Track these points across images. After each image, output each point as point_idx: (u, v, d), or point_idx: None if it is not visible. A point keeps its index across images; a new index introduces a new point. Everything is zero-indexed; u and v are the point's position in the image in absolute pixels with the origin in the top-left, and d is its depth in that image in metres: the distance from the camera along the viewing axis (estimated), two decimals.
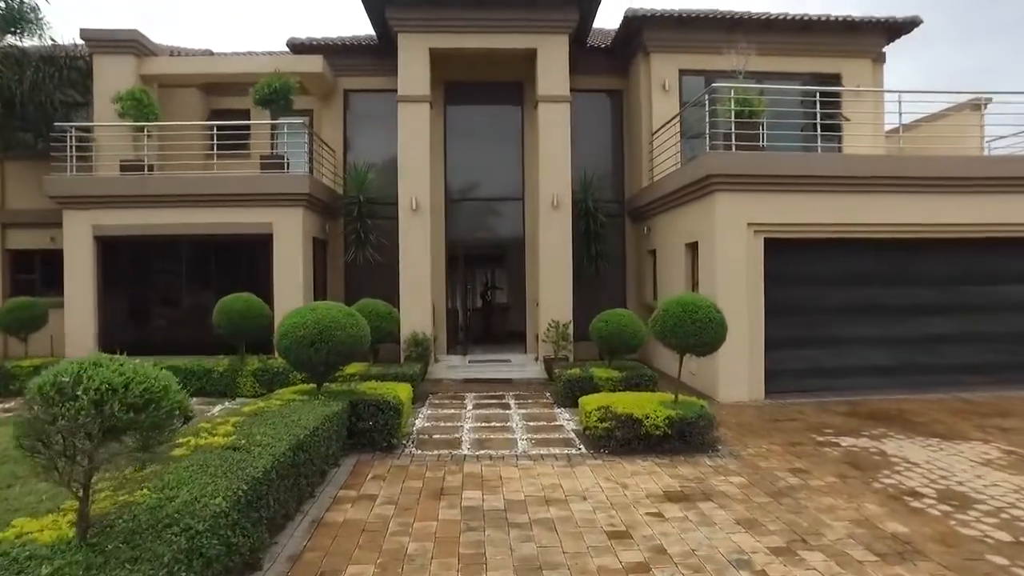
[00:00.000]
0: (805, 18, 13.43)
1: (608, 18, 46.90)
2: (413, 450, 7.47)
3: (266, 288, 12.17)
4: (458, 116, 14.64)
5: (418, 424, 8.73)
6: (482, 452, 7.34)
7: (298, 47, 14.62)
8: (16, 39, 13.53)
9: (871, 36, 13.99)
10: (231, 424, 5.76)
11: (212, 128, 13.60)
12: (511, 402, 10.26)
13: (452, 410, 9.67)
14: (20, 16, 13.20)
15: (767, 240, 10.45)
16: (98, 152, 13.28)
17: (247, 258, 13.26)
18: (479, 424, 8.73)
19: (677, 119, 12.56)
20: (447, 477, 6.44)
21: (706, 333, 7.34)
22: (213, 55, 15.52)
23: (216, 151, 13.27)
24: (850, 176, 10.52)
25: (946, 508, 5.51)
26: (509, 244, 15.54)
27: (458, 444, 7.72)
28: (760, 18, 13.32)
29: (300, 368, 7.78)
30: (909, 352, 10.97)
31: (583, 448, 7.49)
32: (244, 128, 14.06)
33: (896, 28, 13.88)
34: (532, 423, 8.78)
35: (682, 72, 13.76)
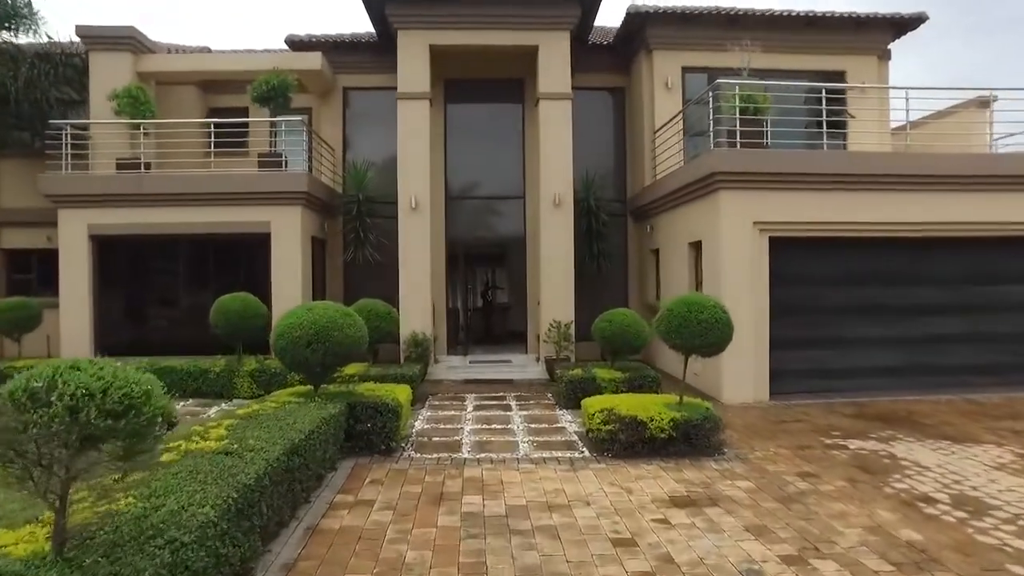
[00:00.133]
0: (809, 14, 13.26)
1: (610, 15, 46.63)
2: (412, 453, 7.32)
3: (264, 288, 12.00)
4: (458, 114, 14.47)
5: (417, 426, 8.57)
6: (483, 455, 7.18)
7: (297, 44, 14.46)
8: (11, 35, 13.35)
9: (876, 32, 13.82)
10: (224, 427, 5.60)
11: (210, 126, 13.42)
12: (512, 403, 10.10)
13: (452, 412, 9.52)
14: (15, 12, 13.03)
15: (771, 239, 10.30)
16: (94, 150, 13.09)
17: (245, 257, 13.15)
18: (480, 426, 8.57)
19: (680, 117, 12.39)
20: (447, 481, 6.29)
21: (712, 333, 7.18)
22: (211, 52, 15.36)
23: (214, 149, 13.10)
24: (855, 174, 10.37)
25: (961, 514, 5.33)
26: (510, 243, 15.37)
27: (458, 447, 7.56)
28: (764, 14, 13.14)
29: (296, 369, 7.64)
30: (916, 353, 10.79)
31: (586, 451, 7.34)
32: (242, 126, 13.88)
33: (902, 24, 13.71)
34: (534, 425, 8.63)
35: (685, 69, 13.60)
